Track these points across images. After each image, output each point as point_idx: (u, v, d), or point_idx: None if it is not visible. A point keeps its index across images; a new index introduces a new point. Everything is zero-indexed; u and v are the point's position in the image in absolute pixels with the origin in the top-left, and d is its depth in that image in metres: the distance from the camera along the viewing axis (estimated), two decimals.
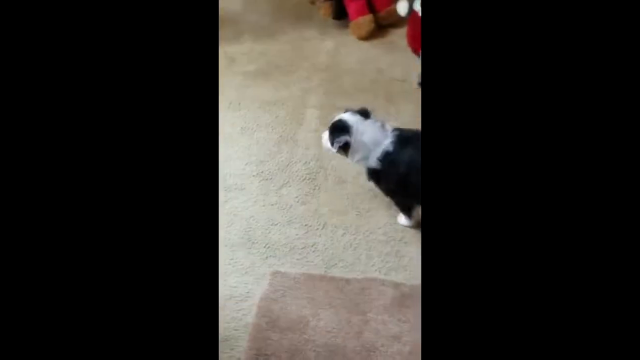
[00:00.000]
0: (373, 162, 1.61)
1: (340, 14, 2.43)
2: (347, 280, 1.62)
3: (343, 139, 1.59)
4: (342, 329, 1.51)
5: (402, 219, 1.76)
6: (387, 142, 1.59)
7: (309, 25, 2.47)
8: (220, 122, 2.03)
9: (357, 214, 1.78)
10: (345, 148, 1.61)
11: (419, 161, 1.58)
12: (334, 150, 1.63)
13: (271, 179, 1.89)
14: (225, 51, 2.34)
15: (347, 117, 1.62)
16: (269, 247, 1.72)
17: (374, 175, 1.65)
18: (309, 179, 1.88)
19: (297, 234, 1.74)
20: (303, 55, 2.33)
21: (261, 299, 1.58)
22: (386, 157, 1.60)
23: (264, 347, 1.48)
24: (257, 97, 2.16)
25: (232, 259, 1.68)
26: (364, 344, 1.48)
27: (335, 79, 2.22)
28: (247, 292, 1.61)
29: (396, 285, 1.60)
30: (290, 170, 1.90)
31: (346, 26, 2.42)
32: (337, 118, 1.63)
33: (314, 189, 1.85)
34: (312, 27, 2.46)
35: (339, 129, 1.61)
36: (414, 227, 1.73)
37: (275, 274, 1.64)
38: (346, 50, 2.36)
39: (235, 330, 1.52)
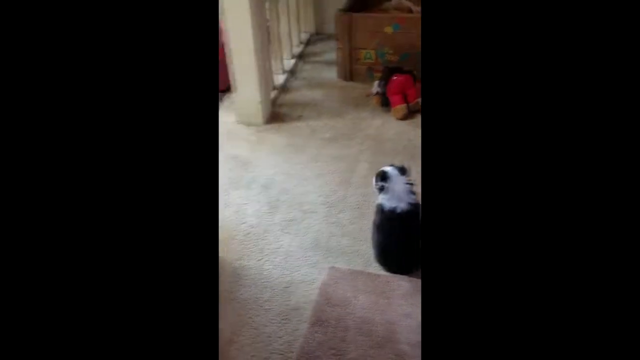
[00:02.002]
0: (388, 206, 1.55)
1: (385, 103, 2.44)
2: (378, 275, 1.62)
3: (381, 184, 1.57)
4: (372, 307, 1.50)
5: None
6: (402, 205, 1.53)
7: (365, 110, 2.49)
8: (302, 169, 2.10)
9: None
10: (382, 190, 1.58)
11: (396, 239, 1.56)
12: (376, 189, 1.60)
13: (333, 207, 1.91)
14: (309, 124, 2.39)
15: (389, 169, 1.59)
16: (328, 250, 1.73)
17: (381, 213, 1.58)
18: (357, 208, 1.88)
19: (347, 243, 1.74)
20: (359, 128, 2.35)
21: (322, 284, 1.59)
22: (392, 213, 1.53)
23: (321, 316, 1.49)
24: (328, 154, 2.19)
25: (305, 257, 1.70)
26: (386, 318, 1.47)
27: (380, 144, 2.23)
28: (313, 279, 1.61)
29: (410, 280, 1.58)
30: (346, 201, 1.91)
31: (389, 111, 2.43)
32: (382, 168, 1.61)
33: (361, 215, 1.84)
34: (366, 111, 2.48)
35: (380, 176, 1.58)
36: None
37: (331, 268, 1.65)
38: (388, 126, 2.36)
39: (305, 303, 1.53)
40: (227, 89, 2.44)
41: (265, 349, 1.42)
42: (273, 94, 2.58)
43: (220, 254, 1.73)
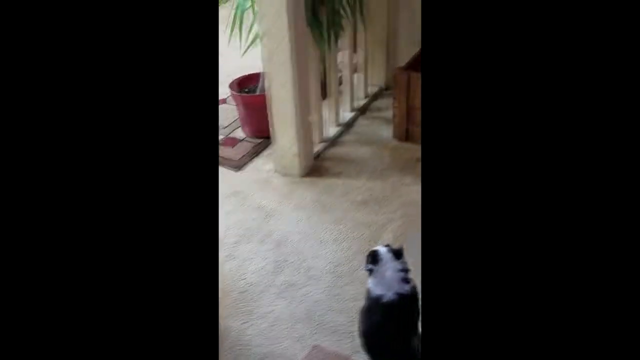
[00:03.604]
0: (375, 292, 1.41)
1: None
2: None
3: (370, 266, 1.45)
4: None
5: None
6: (390, 294, 1.38)
7: (409, 175, 2.36)
8: (322, 231, 2.04)
9: None
10: (371, 272, 1.45)
11: (381, 330, 1.41)
12: (366, 270, 1.47)
13: (341, 277, 1.82)
14: (345, 183, 2.33)
15: (382, 250, 1.47)
16: (320, 325, 1.64)
17: (367, 299, 1.45)
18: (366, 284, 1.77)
19: (342, 321, 1.64)
20: (397, 194, 2.24)
21: None
22: (377, 302, 1.40)
23: None
24: (354, 218, 2.10)
25: (292, 328, 1.62)
26: None
27: (413, 215, 2.09)
28: (293, 356, 1.54)
29: None
30: (356, 274, 1.80)
31: None
32: (375, 248, 1.49)
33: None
34: (411, 176, 2.35)
35: (371, 257, 1.46)
36: None
37: (315, 347, 1.56)
38: None
39: None
40: (269, 136, 2.47)
41: None
42: (320, 146, 2.56)
43: None
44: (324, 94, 2.71)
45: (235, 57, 2.50)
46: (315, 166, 2.46)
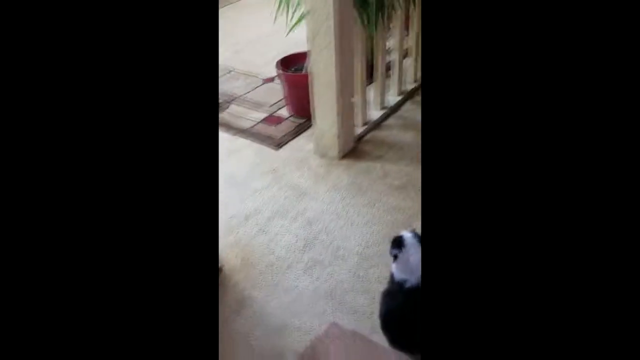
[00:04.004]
0: (399, 277, 1.44)
1: None
2: (376, 346, 1.48)
3: (394, 251, 1.46)
4: None
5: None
6: (412, 279, 1.40)
7: None
8: (354, 213, 2.07)
9: None
10: (395, 258, 1.46)
11: (399, 314, 1.42)
12: (391, 255, 1.47)
13: (367, 260, 1.84)
14: (384, 167, 2.32)
15: (408, 235, 1.47)
16: (341, 304, 1.67)
17: (391, 283, 1.47)
18: None
19: (363, 302, 1.67)
20: None
21: (315, 338, 1.51)
22: (400, 287, 1.41)
23: None
24: (389, 202, 2.11)
25: (314, 304, 1.67)
26: None
27: None
28: (311, 330, 1.58)
29: None
30: (383, 257, 1.79)
31: None
32: (401, 233, 1.49)
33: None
34: None
35: (396, 242, 1.47)
36: None
37: (333, 324, 1.57)
38: None
39: (289, 352, 1.52)
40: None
41: None
42: (363, 129, 2.57)
43: (236, 279, 1.78)
44: (371, 77, 2.70)
45: (283, 37, 2.54)
46: (355, 148, 2.47)
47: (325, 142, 2.40)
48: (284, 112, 2.75)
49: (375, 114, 2.70)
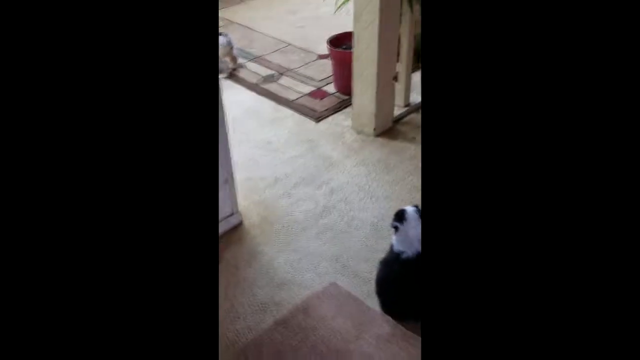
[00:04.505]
0: (397, 248, 1.52)
1: None
2: (369, 309, 1.61)
3: (395, 223, 1.54)
4: (339, 334, 1.53)
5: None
6: (409, 252, 1.49)
7: None
8: (377, 188, 2.15)
9: None
10: (396, 230, 1.54)
11: (394, 283, 1.51)
12: (391, 227, 1.56)
13: (380, 231, 1.92)
14: (417, 148, 2.37)
15: (410, 209, 1.55)
16: (344, 267, 1.77)
17: (390, 252, 1.55)
18: None
19: (365, 269, 1.76)
20: None
21: (312, 293, 1.65)
22: (397, 257, 1.51)
23: (290, 320, 1.58)
24: (413, 182, 2.16)
25: (319, 265, 1.78)
26: (345, 348, 1.48)
27: None
28: (311, 287, 1.69)
29: (395, 326, 1.54)
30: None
31: None
32: (403, 207, 1.57)
33: None
34: None
35: (398, 215, 1.55)
36: None
37: (332, 284, 1.71)
38: None
39: (288, 303, 1.63)
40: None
41: (227, 327, 1.56)
42: (403, 110, 2.62)
43: (253, 233, 1.92)
44: (418, 62, 2.73)
45: (344, 15, 2.61)
46: (392, 128, 2.53)
47: (362, 119, 2.48)
48: (330, 88, 2.85)
49: (418, 97, 2.74)
